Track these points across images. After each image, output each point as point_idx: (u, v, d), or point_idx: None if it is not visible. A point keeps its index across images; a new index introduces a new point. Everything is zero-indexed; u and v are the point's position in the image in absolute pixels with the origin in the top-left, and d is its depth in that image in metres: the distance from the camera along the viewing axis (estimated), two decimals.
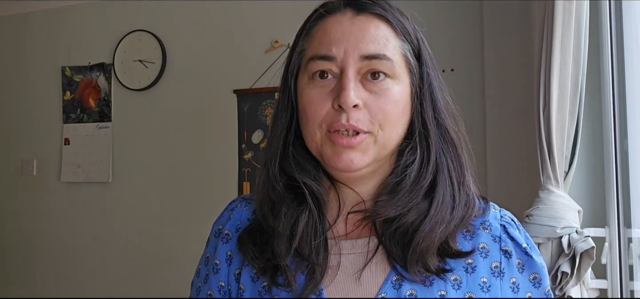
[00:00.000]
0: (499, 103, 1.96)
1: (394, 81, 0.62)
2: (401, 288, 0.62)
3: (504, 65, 1.95)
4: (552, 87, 1.36)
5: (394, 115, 0.62)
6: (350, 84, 0.60)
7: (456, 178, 0.66)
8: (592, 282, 1.38)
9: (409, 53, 0.64)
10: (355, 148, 0.61)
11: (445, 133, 0.66)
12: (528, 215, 1.39)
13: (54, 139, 2.92)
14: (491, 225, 0.67)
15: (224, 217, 0.74)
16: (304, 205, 0.65)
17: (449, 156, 0.66)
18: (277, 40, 2.47)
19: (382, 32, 0.63)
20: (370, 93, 0.61)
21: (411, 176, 0.64)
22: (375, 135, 0.62)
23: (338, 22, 0.63)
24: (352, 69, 0.61)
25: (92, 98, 2.85)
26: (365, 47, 0.61)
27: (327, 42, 0.63)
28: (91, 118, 2.85)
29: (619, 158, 1.39)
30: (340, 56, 0.61)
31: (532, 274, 0.66)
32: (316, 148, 0.64)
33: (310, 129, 0.63)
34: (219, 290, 0.69)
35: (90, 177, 2.82)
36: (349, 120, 0.60)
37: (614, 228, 1.38)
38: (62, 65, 2.91)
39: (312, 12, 0.67)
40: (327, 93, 0.62)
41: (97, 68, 2.84)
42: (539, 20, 1.43)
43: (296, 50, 0.67)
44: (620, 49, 1.38)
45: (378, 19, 0.63)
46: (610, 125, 1.40)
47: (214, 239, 0.73)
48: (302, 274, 0.63)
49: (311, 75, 0.63)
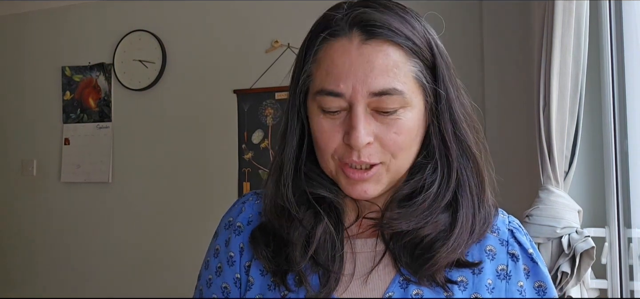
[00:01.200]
0: (499, 103, 1.96)
1: (405, 109, 0.60)
2: (408, 288, 0.62)
3: (504, 65, 1.95)
4: (552, 87, 1.36)
5: (406, 143, 0.61)
6: (360, 124, 0.58)
7: (476, 194, 0.65)
8: (592, 282, 1.38)
9: (421, 73, 0.61)
10: (368, 180, 0.61)
11: (466, 148, 0.64)
12: (528, 215, 1.39)
13: (54, 139, 2.92)
14: (499, 229, 0.68)
15: (235, 210, 0.73)
16: (321, 214, 0.64)
17: (469, 172, 0.64)
18: (277, 40, 2.47)
19: (391, 61, 0.58)
20: (382, 124, 0.59)
21: (430, 194, 0.63)
22: (388, 164, 0.61)
23: (345, 51, 0.59)
24: (361, 106, 0.58)
25: (92, 98, 2.85)
26: (374, 82, 0.57)
27: (335, 76, 0.59)
28: (91, 118, 2.84)
29: (619, 158, 1.38)
30: (348, 92, 0.58)
31: (537, 282, 0.66)
32: (330, 174, 0.64)
33: (324, 158, 0.63)
34: (236, 283, 0.68)
35: (90, 177, 2.82)
36: (360, 156, 0.59)
37: (614, 228, 1.38)
38: (62, 65, 2.91)
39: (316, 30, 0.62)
40: (337, 126, 0.60)
41: (97, 68, 2.84)
42: (539, 20, 1.43)
43: (303, 71, 0.63)
44: (620, 49, 1.38)
45: (387, 45, 0.58)
46: (610, 125, 1.39)
47: (225, 231, 0.71)
48: (315, 274, 0.63)
49: (320, 107, 0.61)
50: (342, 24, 0.60)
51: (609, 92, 1.40)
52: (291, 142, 0.66)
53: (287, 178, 0.65)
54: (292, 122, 0.66)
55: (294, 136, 0.66)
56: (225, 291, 0.68)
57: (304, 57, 0.63)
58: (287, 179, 0.66)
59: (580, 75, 1.36)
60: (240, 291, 0.67)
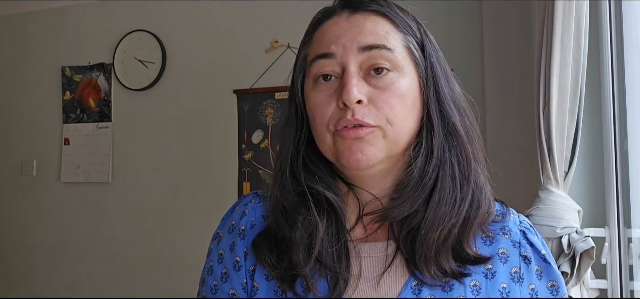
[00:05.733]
0: (499, 103, 1.96)
1: (398, 74, 0.61)
2: (421, 293, 0.61)
3: (504, 65, 1.94)
4: (552, 86, 1.36)
5: (401, 110, 0.60)
6: (351, 80, 0.59)
7: (460, 173, 0.63)
8: (592, 282, 1.38)
9: (412, 45, 0.63)
10: (364, 139, 0.59)
11: (451, 127, 0.64)
12: (528, 215, 1.39)
13: (54, 139, 2.92)
14: (511, 231, 0.67)
15: (237, 213, 0.71)
16: (322, 213, 0.63)
17: (454, 151, 0.63)
18: (277, 40, 2.47)
19: (381, 26, 0.62)
20: (375, 88, 0.60)
21: (415, 173, 0.62)
22: (384, 129, 0.60)
23: (335, 23, 0.63)
24: (353, 64, 0.60)
25: (92, 98, 2.85)
26: (364, 39, 0.60)
27: (325, 42, 0.62)
28: (91, 118, 2.84)
29: (618, 158, 1.38)
30: (339, 52, 0.61)
31: (550, 281, 0.66)
32: (329, 150, 0.62)
33: (320, 132, 0.62)
34: (244, 289, 0.66)
35: (90, 177, 2.82)
36: (354, 115, 0.59)
37: (614, 228, 1.38)
38: (62, 65, 2.92)
39: (312, 20, 0.67)
40: (331, 94, 0.61)
41: (97, 68, 2.84)
42: (539, 20, 1.43)
43: (300, 58, 0.67)
44: (620, 49, 1.38)
45: (375, 15, 0.63)
46: (610, 125, 1.39)
47: (229, 235, 0.69)
48: (323, 279, 0.62)
49: (315, 78, 0.63)
50: (333, 7, 0.66)
51: (609, 92, 1.40)
52: (291, 128, 0.67)
53: (286, 162, 0.66)
54: (291, 111, 0.68)
55: (293, 121, 0.67)
56: (233, 297, 0.66)
57: (302, 46, 0.67)
58: (286, 162, 0.65)
59: (580, 75, 1.36)
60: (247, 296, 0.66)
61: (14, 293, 2.95)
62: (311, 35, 0.66)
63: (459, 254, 0.62)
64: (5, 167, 3.04)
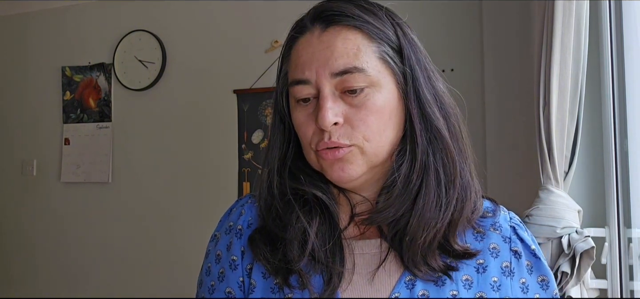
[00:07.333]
0: (499, 103, 1.96)
1: (374, 89, 0.61)
2: (414, 288, 0.63)
3: (504, 65, 1.94)
4: (552, 86, 1.36)
5: (378, 124, 0.61)
6: (326, 104, 0.60)
7: (446, 177, 0.64)
8: (592, 282, 1.38)
9: (387, 55, 0.62)
10: (343, 158, 0.61)
11: (434, 130, 0.63)
12: (528, 215, 1.39)
13: (54, 139, 2.92)
14: (501, 226, 0.69)
15: (234, 214, 0.73)
16: (314, 211, 0.65)
17: (438, 155, 0.64)
18: (277, 40, 2.47)
19: (351, 44, 0.61)
20: (351, 106, 0.61)
21: (400, 179, 0.63)
22: (361, 146, 0.61)
23: (307, 42, 0.63)
24: (327, 88, 0.61)
25: (92, 98, 2.85)
26: (335, 64, 0.60)
27: (300, 66, 0.63)
28: (91, 118, 2.85)
29: (618, 158, 1.38)
30: (313, 78, 0.61)
31: (541, 276, 0.67)
32: (315, 165, 0.65)
33: (306, 148, 0.65)
34: (240, 287, 0.67)
35: (90, 177, 2.82)
36: (330, 137, 0.61)
37: (614, 228, 1.38)
38: (62, 65, 2.92)
39: (288, 34, 0.68)
40: (310, 114, 0.63)
41: (97, 68, 2.84)
42: (539, 20, 1.43)
43: (281, 72, 0.68)
44: (620, 49, 1.38)
45: (346, 30, 0.62)
46: (610, 125, 1.39)
47: (226, 236, 0.71)
48: (317, 275, 0.63)
49: (296, 99, 0.64)
50: (305, 21, 0.65)
51: (609, 92, 1.40)
52: (275, 142, 0.69)
53: (273, 177, 0.67)
54: (275, 121, 0.69)
55: (277, 136, 0.69)
56: (230, 296, 0.67)
57: (281, 60, 0.69)
58: (274, 179, 0.67)
59: (580, 75, 1.36)
60: (244, 295, 0.67)
61: (15, 293, 2.95)
62: (288, 52, 0.67)
63: (447, 251, 0.64)
64: (6, 167, 3.04)
